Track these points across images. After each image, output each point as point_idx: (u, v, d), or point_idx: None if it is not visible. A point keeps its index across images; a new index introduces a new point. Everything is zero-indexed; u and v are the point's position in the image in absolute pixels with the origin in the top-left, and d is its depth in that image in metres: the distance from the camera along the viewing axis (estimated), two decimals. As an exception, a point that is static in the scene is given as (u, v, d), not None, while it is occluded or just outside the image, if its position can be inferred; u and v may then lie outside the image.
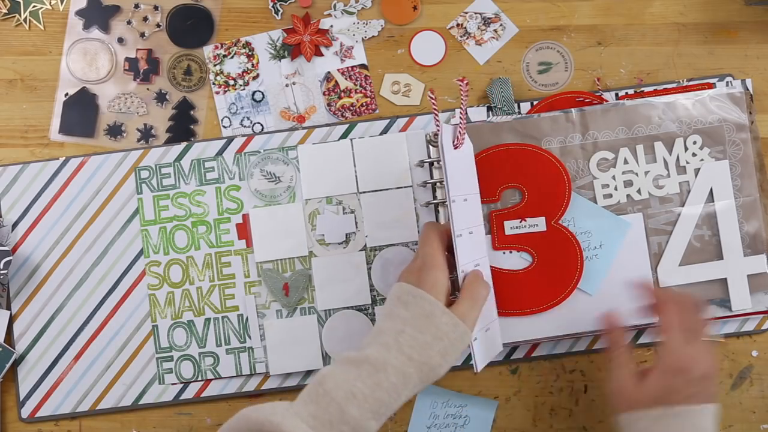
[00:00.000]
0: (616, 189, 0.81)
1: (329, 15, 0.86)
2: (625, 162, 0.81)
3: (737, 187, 0.81)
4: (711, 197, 0.81)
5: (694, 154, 0.81)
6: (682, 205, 0.81)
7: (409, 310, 0.66)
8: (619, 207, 0.81)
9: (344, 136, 0.84)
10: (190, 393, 0.82)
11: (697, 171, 0.81)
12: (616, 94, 0.84)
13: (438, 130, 0.71)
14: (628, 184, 0.81)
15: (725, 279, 0.81)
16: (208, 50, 0.86)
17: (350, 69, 0.86)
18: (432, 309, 0.66)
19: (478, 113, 0.84)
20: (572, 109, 0.81)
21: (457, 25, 0.86)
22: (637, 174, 0.81)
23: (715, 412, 0.68)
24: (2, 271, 0.80)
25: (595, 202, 0.81)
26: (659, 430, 0.67)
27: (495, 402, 0.82)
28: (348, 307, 0.82)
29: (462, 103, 0.69)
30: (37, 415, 0.82)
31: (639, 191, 0.81)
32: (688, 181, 0.81)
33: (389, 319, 0.67)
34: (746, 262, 0.81)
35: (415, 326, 0.65)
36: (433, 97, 0.70)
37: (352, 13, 0.86)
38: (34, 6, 0.86)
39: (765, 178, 0.82)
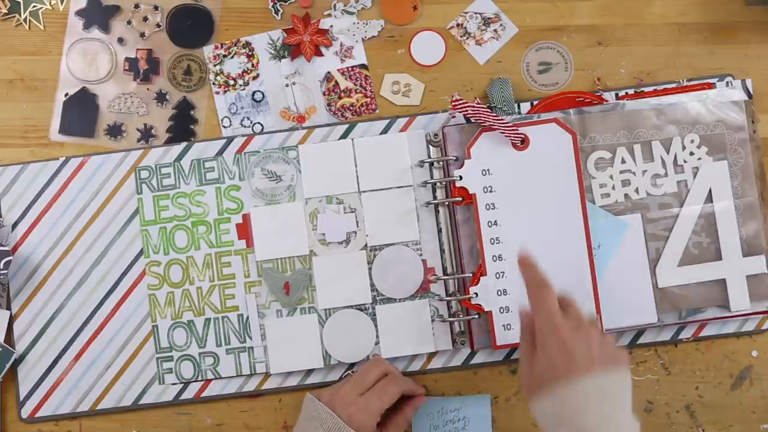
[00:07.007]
0: (613, 188, 0.81)
1: (329, 15, 0.86)
2: (623, 161, 0.81)
3: (736, 190, 0.81)
4: (710, 198, 0.81)
5: (691, 153, 0.81)
6: (681, 206, 0.81)
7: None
8: (616, 207, 0.81)
9: (344, 136, 0.84)
10: (190, 393, 0.82)
11: (695, 170, 0.81)
12: (616, 94, 0.84)
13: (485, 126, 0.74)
14: (626, 183, 0.81)
15: (724, 280, 0.81)
16: (208, 50, 0.86)
17: (350, 69, 0.86)
18: None
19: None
20: (570, 111, 0.81)
21: (457, 25, 0.86)
22: (634, 173, 0.81)
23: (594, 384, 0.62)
24: (2, 271, 0.79)
25: (593, 203, 0.81)
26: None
27: (487, 396, 0.82)
28: (348, 307, 0.82)
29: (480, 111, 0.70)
30: (37, 415, 0.82)
31: (637, 191, 0.81)
32: (686, 180, 0.81)
33: None
34: (745, 263, 0.81)
35: None
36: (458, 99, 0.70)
37: (352, 13, 0.86)
38: (34, 6, 0.86)
39: (765, 188, 0.82)
